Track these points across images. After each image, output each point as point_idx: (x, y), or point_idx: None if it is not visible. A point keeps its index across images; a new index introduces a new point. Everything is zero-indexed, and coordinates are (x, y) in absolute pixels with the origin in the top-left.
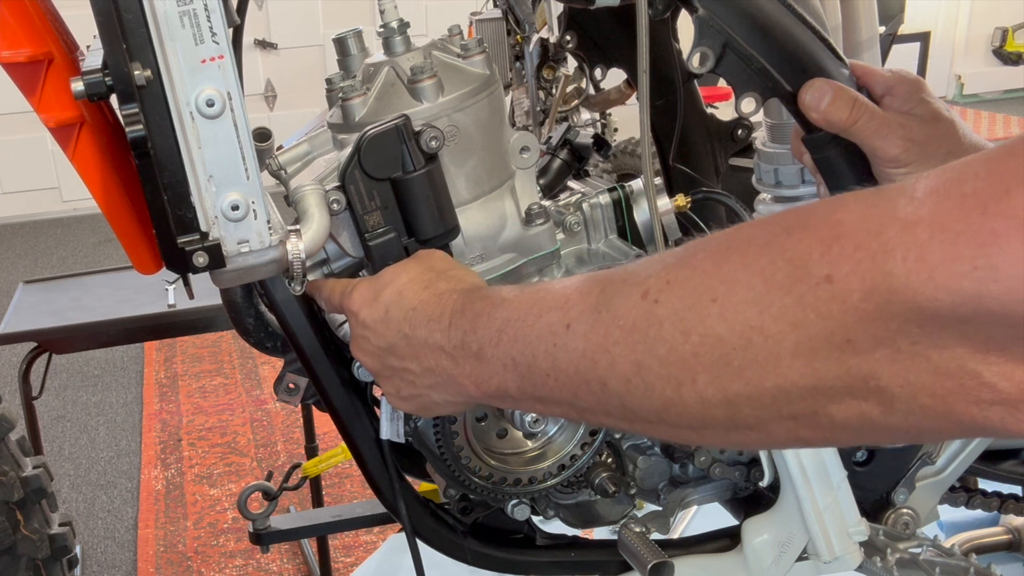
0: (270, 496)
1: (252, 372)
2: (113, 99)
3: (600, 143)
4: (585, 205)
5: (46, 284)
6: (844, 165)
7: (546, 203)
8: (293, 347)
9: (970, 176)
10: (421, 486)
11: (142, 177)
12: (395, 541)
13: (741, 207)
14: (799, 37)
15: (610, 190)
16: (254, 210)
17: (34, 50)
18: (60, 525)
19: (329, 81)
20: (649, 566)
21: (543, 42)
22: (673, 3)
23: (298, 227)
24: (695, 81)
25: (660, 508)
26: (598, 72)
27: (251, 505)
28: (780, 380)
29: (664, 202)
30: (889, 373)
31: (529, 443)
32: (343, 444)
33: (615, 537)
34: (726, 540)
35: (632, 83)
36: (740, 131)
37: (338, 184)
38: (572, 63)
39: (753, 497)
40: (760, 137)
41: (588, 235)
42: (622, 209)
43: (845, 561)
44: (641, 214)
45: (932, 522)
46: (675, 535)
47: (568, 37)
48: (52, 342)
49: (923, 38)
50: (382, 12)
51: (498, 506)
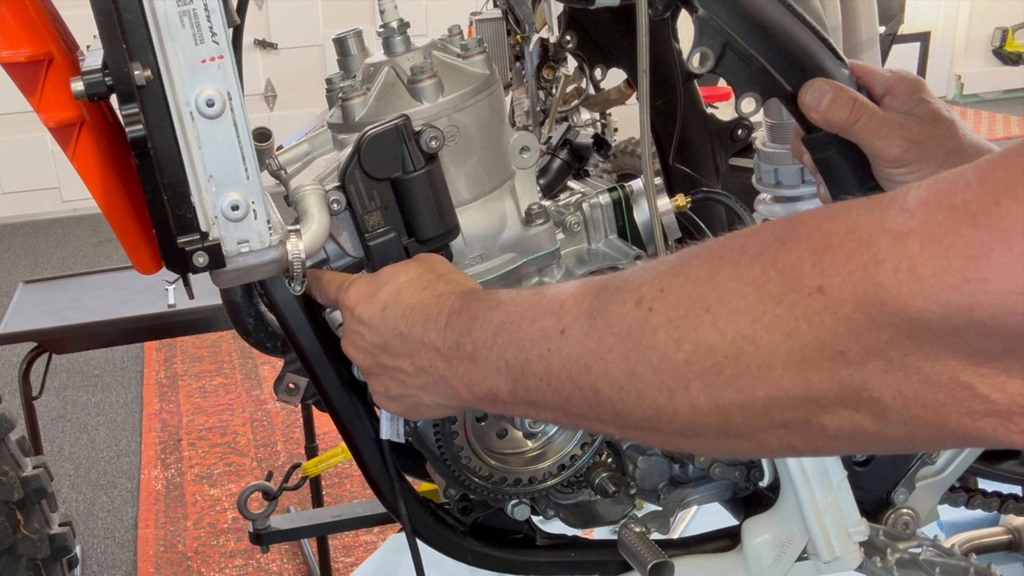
0: (270, 496)
1: (252, 372)
2: (113, 99)
3: (600, 143)
4: (585, 205)
5: (46, 284)
6: (844, 165)
7: (546, 203)
8: (293, 347)
9: (960, 187)
10: (421, 486)
11: (142, 177)
12: (395, 541)
13: (741, 207)
14: (799, 37)
15: (610, 190)
16: (254, 210)
17: (34, 50)
18: (60, 525)
19: (329, 81)
20: (649, 566)
21: (543, 42)
22: (673, 3)
23: (298, 227)
24: (695, 81)
25: (660, 508)
26: (598, 72)
27: (251, 505)
28: (772, 389)
29: (664, 202)
30: (881, 384)
31: (529, 443)
32: (343, 444)
33: (615, 537)
34: (726, 540)
35: (632, 83)
36: (740, 131)
37: (338, 184)
38: (572, 63)
39: (753, 497)
40: (760, 137)
41: (588, 235)
42: (622, 209)
43: (845, 561)
44: (641, 214)
45: (932, 522)
46: (675, 535)
47: (568, 37)
48: (52, 342)
49: (923, 38)
50: (382, 12)
51: (498, 506)
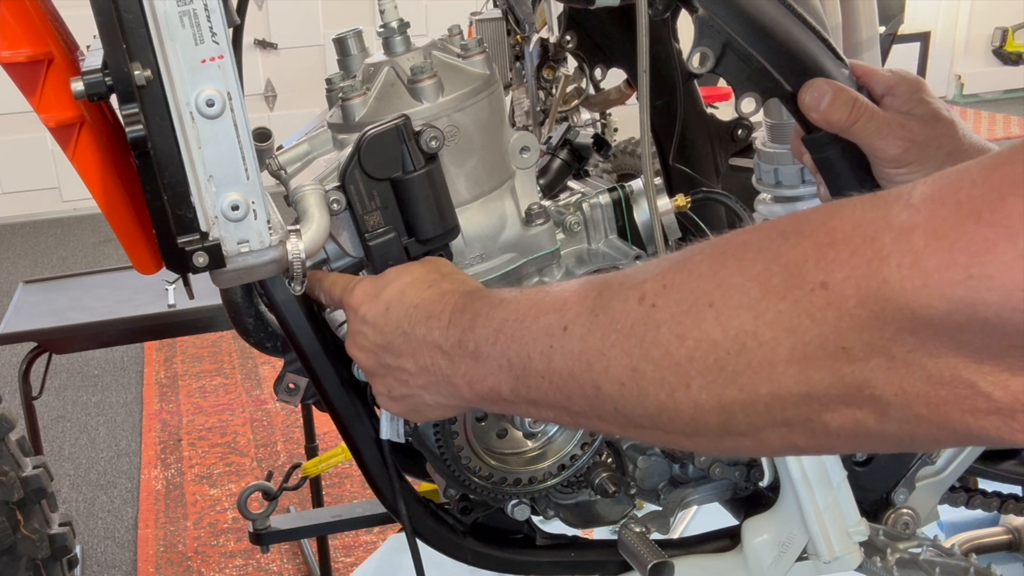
0: (270, 496)
1: (252, 372)
2: (113, 99)
3: (600, 143)
4: (585, 205)
5: (46, 284)
6: (844, 165)
7: (546, 203)
8: (293, 347)
9: (966, 183)
10: (421, 486)
11: (142, 177)
12: (395, 541)
13: (741, 207)
14: (799, 37)
15: (610, 190)
16: (254, 210)
17: (34, 50)
18: (60, 525)
19: (329, 81)
20: (649, 566)
21: (543, 42)
22: (673, 3)
23: (298, 227)
24: (695, 81)
25: (660, 508)
26: (598, 72)
27: (251, 505)
28: (774, 387)
29: (664, 202)
30: (884, 381)
31: (529, 443)
32: (343, 444)
33: (615, 537)
34: (726, 540)
35: (632, 83)
36: (740, 131)
37: (338, 184)
38: (572, 63)
39: (753, 497)
40: (760, 137)
41: (588, 235)
42: (622, 209)
43: (845, 561)
44: (641, 214)
45: (932, 522)
46: (675, 535)
47: (568, 37)
48: (52, 342)
49: (923, 38)
50: (382, 12)
51: (498, 506)
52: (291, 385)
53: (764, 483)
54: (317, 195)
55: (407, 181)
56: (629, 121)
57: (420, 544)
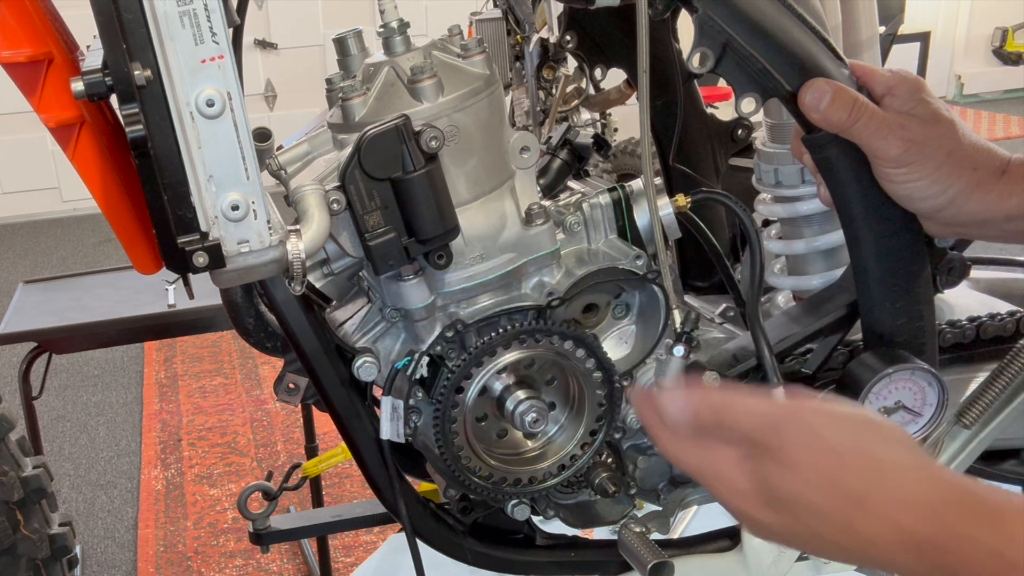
0: (270, 496)
1: (252, 372)
2: (113, 99)
3: (600, 143)
4: (585, 205)
5: (46, 284)
6: (844, 165)
7: (546, 203)
8: (293, 347)
9: None
10: (421, 486)
11: (142, 177)
12: (395, 541)
13: (741, 207)
14: (799, 37)
15: (610, 190)
16: (254, 210)
17: (34, 50)
18: (60, 525)
19: (329, 81)
20: (649, 566)
21: (543, 42)
22: (673, 3)
23: (298, 227)
24: (695, 81)
25: (660, 508)
26: (598, 72)
27: (251, 505)
28: None
29: (664, 202)
30: None
31: (529, 443)
32: (343, 444)
33: (615, 537)
34: (726, 540)
35: (632, 83)
36: (740, 131)
37: (338, 184)
38: (572, 63)
39: None
40: (760, 137)
41: (588, 235)
42: (622, 209)
43: None
44: (641, 214)
45: None
46: (675, 535)
47: (568, 37)
48: (52, 342)
49: (923, 38)
50: (382, 12)
51: (498, 506)
52: (291, 385)
53: None
54: (317, 195)
55: (407, 181)
56: (629, 121)
57: (420, 544)
